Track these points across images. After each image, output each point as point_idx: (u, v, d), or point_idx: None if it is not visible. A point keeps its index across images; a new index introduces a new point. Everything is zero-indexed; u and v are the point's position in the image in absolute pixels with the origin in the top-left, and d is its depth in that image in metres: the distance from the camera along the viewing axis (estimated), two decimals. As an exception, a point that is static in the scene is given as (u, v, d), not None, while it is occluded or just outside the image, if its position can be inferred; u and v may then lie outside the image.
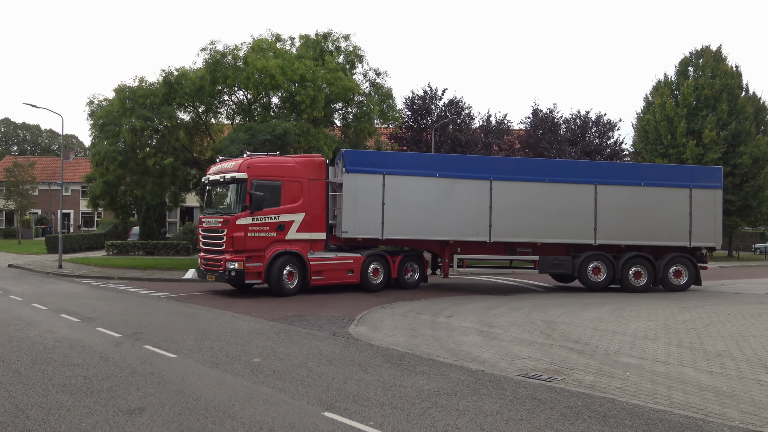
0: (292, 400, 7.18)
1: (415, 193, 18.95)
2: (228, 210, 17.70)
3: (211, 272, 17.88)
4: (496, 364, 9.19)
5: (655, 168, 23.16)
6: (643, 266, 20.20)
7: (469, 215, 19.20)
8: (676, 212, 20.34)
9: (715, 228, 20.76)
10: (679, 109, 44.80)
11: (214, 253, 17.85)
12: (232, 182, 17.60)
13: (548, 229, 19.60)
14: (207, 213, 18.58)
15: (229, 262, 17.14)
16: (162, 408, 6.83)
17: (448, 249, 19.80)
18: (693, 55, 47.02)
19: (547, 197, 19.60)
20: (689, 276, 20.65)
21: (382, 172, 18.73)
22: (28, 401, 7.07)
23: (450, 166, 19.61)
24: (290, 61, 24.57)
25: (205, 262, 18.27)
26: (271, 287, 17.60)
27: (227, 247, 17.24)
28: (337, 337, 11.35)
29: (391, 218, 18.71)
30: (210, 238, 18.02)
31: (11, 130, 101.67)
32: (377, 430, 6.17)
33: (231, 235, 17.13)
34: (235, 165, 17.74)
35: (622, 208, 19.98)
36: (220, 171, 18.14)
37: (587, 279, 19.98)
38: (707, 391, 7.81)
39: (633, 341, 11.22)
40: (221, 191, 18.51)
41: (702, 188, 20.58)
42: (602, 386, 7.98)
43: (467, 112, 38.65)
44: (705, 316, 14.69)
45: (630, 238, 20.16)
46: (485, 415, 6.73)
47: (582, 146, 39.42)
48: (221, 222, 17.46)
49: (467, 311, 14.90)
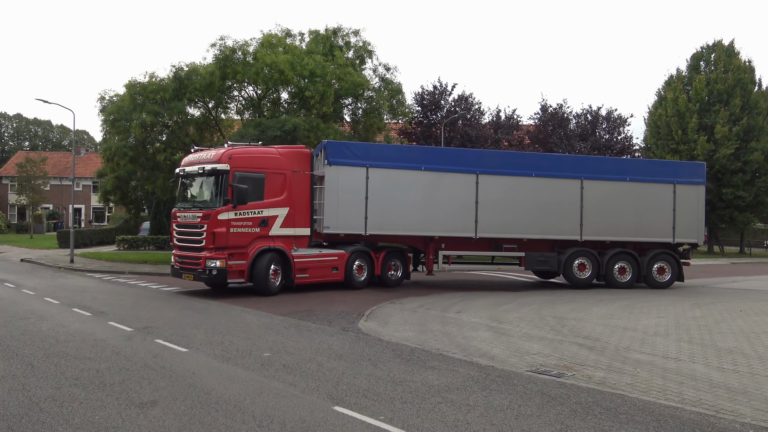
0: (302, 395, 7.21)
1: (400, 186, 18.31)
2: (207, 204, 16.48)
3: (187, 271, 16.63)
4: (505, 360, 9.19)
5: (639, 163, 22.86)
6: (628, 262, 20.00)
7: (455, 210, 18.67)
8: (660, 208, 20.18)
9: (698, 224, 20.69)
10: (691, 104, 44.47)
11: (191, 250, 16.60)
12: (212, 174, 16.37)
13: (534, 225, 19.25)
14: (182, 207, 17.24)
15: (210, 260, 16.00)
16: (174, 401, 6.88)
17: (433, 245, 19.31)
18: (705, 50, 46.65)
19: (533, 192, 19.25)
20: (672, 272, 20.44)
21: (365, 164, 18.00)
22: (41, 394, 7.15)
23: (436, 158, 18.99)
24: (300, 57, 24.58)
25: (180, 260, 16.96)
26: (256, 286, 16.62)
27: (207, 244, 16.06)
28: (346, 332, 11.39)
29: (375, 213, 18.03)
30: (186, 234, 16.78)
31: (23, 126, 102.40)
32: (387, 424, 6.19)
33: (212, 231, 15.93)
34: (215, 155, 16.51)
35: (607, 203, 19.73)
36: (198, 161, 16.84)
37: (572, 275, 19.69)
38: (718, 388, 7.78)
39: (643, 338, 11.18)
40: (199, 183, 17.24)
41: (686, 184, 20.43)
42: (612, 382, 7.97)
43: (477, 108, 38.55)
44: (716, 312, 14.60)
45: (615, 234, 19.93)
46: (495, 410, 6.73)
47: (592, 142, 39.25)
48: (200, 217, 16.26)
49: (476, 307, 14.90)
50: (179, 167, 17.75)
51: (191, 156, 17.58)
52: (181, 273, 16.95)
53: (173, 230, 17.43)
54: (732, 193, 43.25)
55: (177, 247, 17.29)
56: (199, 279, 16.45)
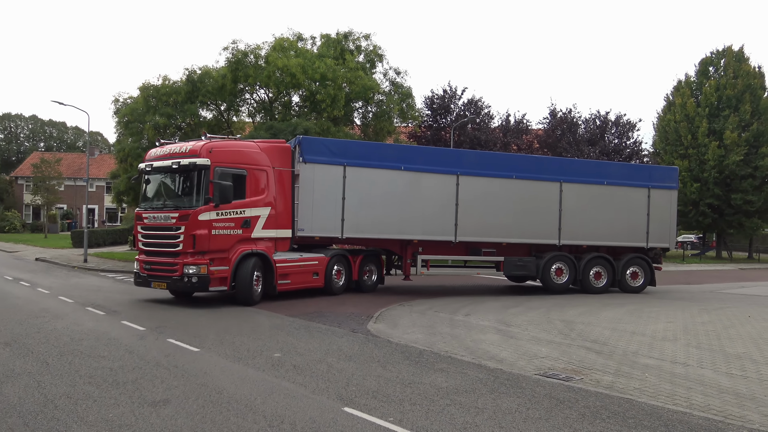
0: (312, 395, 7.30)
1: (379, 187, 17.32)
2: (184, 203, 14.69)
3: (159, 278, 14.82)
4: (514, 363, 9.24)
5: (617, 166, 22.59)
6: (603, 267, 19.66)
7: (435, 212, 17.84)
8: (635, 212, 19.93)
9: (671, 229, 20.61)
10: (700, 109, 44.32)
11: (164, 256, 14.76)
12: (189, 169, 14.57)
13: (514, 229, 18.68)
14: (151, 206, 15.29)
15: (189, 266, 14.25)
16: (186, 400, 6.98)
17: (410, 249, 18.34)
18: (714, 55, 46.50)
19: (513, 194, 18.66)
20: (645, 277, 20.23)
21: (342, 162, 16.84)
22: (56, 391, 7.27)
23: (416, 158, 18.07)
24: (311, 60, 24.77)
25: (149, 267, 15.02)
26: (240, 294, 14.98)
27: (186, 248, 14.27)
28: (356, 334, 11.47)
29: (352, 215, 16.96)
30: (158, 238, 14.92)
31: (38, 127, 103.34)
32: (397, 426, 6.26)
33: (191, 233, 14.16)
34: (193, 148, 14.75)
35: (585, 207, 19.32)
36: (170, 155, 15.02)
37: (550, 280, 19.16)
38: (727, 394, 7.80)
39: (652, 342, 11.19)
40: (172, 180, 15.33)
41: (660, 188, 20.26)
42: (621, 387, 8.00)
43: (486, 112, 38.59)
44: (725, 318, 14.59)
45: (592, 238, 19.59)
46: (503, 413, 6.80)
47: (601, 146, 39.19)
48: (176, 217, 14.43)
49: (485, 310, 14.94)
50: (144, 162, 15.76)
51: (158, 149, 15.76)
52: (149, 281, 15.04)
53: (138, 233, 15.45)
54: (741, 199, 43.04)
55: (143, 252, 15.39)
56: (175, 288, 14.93)
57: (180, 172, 14.88)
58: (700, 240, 57.26)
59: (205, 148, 14.63)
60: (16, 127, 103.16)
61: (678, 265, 40.31)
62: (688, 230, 57.48)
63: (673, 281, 27.76)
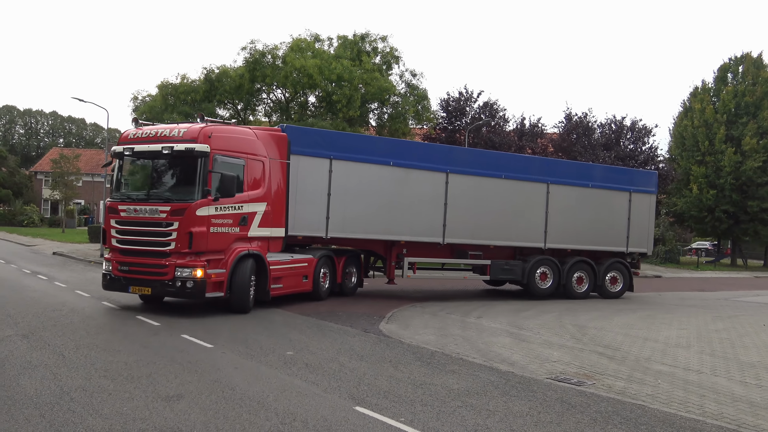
0: (324, 394, 7.34)
1: (366, 183, 16.11)
2: (178, 195, 12.77)
3: (141, 282, 12.67)
4: (525, 366, 9.24)
5: (601, 169, 22.14)
6: (585, 272, 19.08)
7: (423, 212, 16.75)
8: (617, 216, 19.57)
9: (649, 233, 20.31)
10: (718, 116, 43.99)
11: (150, 255, 12.67)
12: (186, 156, 12.60)
13: (502, 231, 17.91)
14: (132, 197, 13.16)
15: (182, 269, 12.32)
16: (199, 396, 7.05)
17: (395, 250, 17.21)
18: (733, 62, 46.16)
19: (502, 195, 17.86)
20: (624, 282, 19.80)
21: (329, 155, 15.52)
22: (72, 384, 7.37)
23: (405, 153, 17.00)
24: (328, 61, 24.89)
25: (126, 268, 12.78)
26: (236, 302, 13.19)
27: (180, 247, 12.34)
28: (368, 334, 11.51)
29: (338, 213, 15.67)
30: (141, 234, 12.77)
31: (58, 123, 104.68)
32: (408, 426, 6.29)
33: (188, 231, 12.24)
34: (189, 132, 12.78)
35: (571, 209, 18.77)
36: (158, 138, 12.93)
37: (535, 285, 18.36)
38: (741, 402, 7.75)
39: (665, 349, 11.14)
40: (162, 168, 13.46)
41: (640, 192, 19.96)
42: (633, 392, 7.98)
43: (501, 115, 38.47)
44: (739, 326, 14.49)
45: (576, 242, 19.04)
46: (515, 416, 6.80)
47: (616, 151, 38.94)
48: (167, 211, 12.45)
49: (497, 312, 14.93)
50: (121, 144, 13.48)
51: (139, 130, 13.53)
52: (127, 285, 12.84)
53: (111, 228, 13.11)
54: (758, 206, 42.66)
55: (117, 251, 13.12)
56: (163, 293, 12.99)
57: (172, 158, 12.88)
58: (715, 247, 56.75)
59: (203, 132, 12.71)
60: (36, 122, 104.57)
61: (692, 272, 40.00)
62: (703, 237, 57.02)
63: (687, 288, 27.58)
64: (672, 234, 49.28)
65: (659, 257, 45.11)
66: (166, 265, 12.48)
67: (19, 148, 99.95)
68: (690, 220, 47.37)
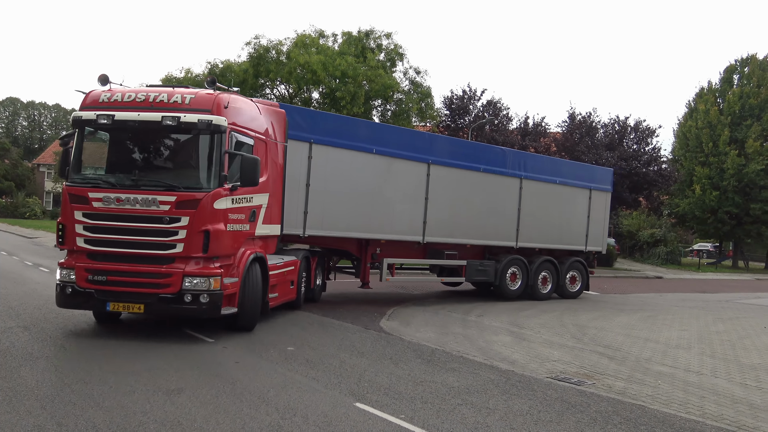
0: (324, 389, 7.36)
1: (348, 172, 14.08)
2: (182, 181, 9.71)
3: (131, 297, 9.43)
4: (526, 365, 9.24)
5: (567, 164, 21.12)
6: (549, 271, 18.18)
7: (405, 207, 15.13)
8: (579, 214, 18.96)
9: (604, 232, 19.97)
10: (722, 117, 43.97)
11: (141, 261, 9.52)
12: (195, 130, 9.69)
13: (478, 229, 16.62)
14: (114, 183, 9.72)
15: (193, 278, 9.40)
16: (200, 390, 7.07)
17: (370, 250, 15.24)
18: (738, 63, 46.10)
19: (480, 190, 16.56)
20: (582, 282, 19.14)
21: (309, 139, 13.22)
22: (73, 376, 7.39)
23: (389, 139, 15.21)
24: (332, 57, 24.90)
25: (104, 279, 9.44)
26: (244, 317, 10.44)
27: (191, 250, 9.45)
28: (368, 331, 11.52)
29: (317, 207, 13.44)
30: (131, 233, 9.52)
31: (61, 116, 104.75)
32: (408, 423, 6.30)
33: (204, 229, 9.42)
34: (197, 99, 9.86)
35: (540, 206, 17.82)
36: (155, 105, 9.77)
37: (506, 286, 17.17)
38: (741, 404, 7.76)
39: (665, 350, 11.15)
40: (154, 144, 10.29)
41: (599, 190, 19.49)
42: (633, 393, 7.99)
43: (505, 114, 38.56)
44: (740, 328, 14.51)
45: (543, 240, 18.18)
46: (515, 414, 6.81)
47: (620, 152, 38.95)
48: (171, 203, 9.43)
49: (498, 311, 14.94)
50: (92, 109, 9.90)
51: (112, 92, 10.15)
52: (103, 302, 9.47)
53: (77, 223, 9.65)
54: (760, 209, 42.66)
55: (88, 255, 9.67)
56: (162, 311, 9.64)
57: (172, 132, 9.94)
58: (717, 249, 56.76)
59: (219, 101, 9.87)
60: (39, 115, 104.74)
61: (693, 273, 39.99)
62: (705, 238, 57.02)
63: (688, 289, 27.59)
64: (673, 235, 49.30)
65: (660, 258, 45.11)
66: (169, 274, 9.39)
67: (22, 140, 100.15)
68: (692, 221, 47.38)
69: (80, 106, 10.13)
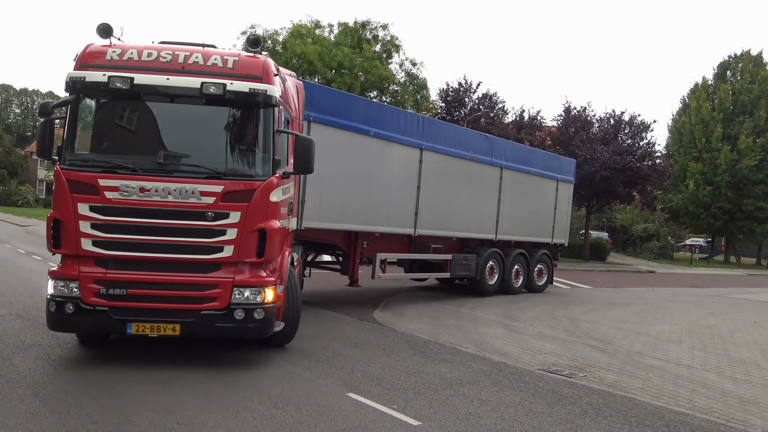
0: (317, 380, 7.38)
1: (345, 157, 12.52)
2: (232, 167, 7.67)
3: (162, 314, 7.37)
4: (518, 357, 9.29)
5: (538, 154, 20.03)
6: (521, 264, 17.55)
7: (398, 196, 13.81)
8: (548, 205, 18.54)
9: (567, 223, 19.59)
10: (715, 113, 44.15)
11: (176, 269, 7.47)
12: (246, 103, 7.66)
13: (464, 220, 15.72)
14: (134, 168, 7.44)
15: (244, 288, 7.50)
16: (193, 379, 7.07)
17: (359, 244, 13.55)
18: (732, 59, 46.22)
19: (466, 178, 15.67)
20: (548, 275, 18.74)
21: (308, 116, 11.33)
22: (66, 364, 7.43)
23: (386, 120, 13.61)
24: (328, 48, 24.84)
25: (121, 291, 7.31)
26: (287, 327, 8.55)
27: (243, 254, 7.53)
28: (362, 322, 11.54)
29: (314, 195, 11.79)
30: (160, 232, 7.42)
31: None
32: (400, 413, 6.33)
33: (260, 227, 7.55)
34: (242, 63, 7.78)
35: (516, 197, 17.23)
36: (183, 67, 7.60)
37: (485, 281, 16.32)
38: (730, 397, 7.83)
39: (656, 343, 11.23)
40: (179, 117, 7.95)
41: (564, 181, 19.16)
42: (624, 385, 8.04)
43: (500, 107, 38.49)
44: (731, 322, 14.63)
45: (518, 232, 17.57)
46: (506, 406, 6.85)
47: (614, 146, 39.00)
48: (219, 194, 7.42)
49: (491, 303, 14.99)
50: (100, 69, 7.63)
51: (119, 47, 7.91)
52: (124, 322, 7.29)
53: (82, 218, 7.51)
54: (753, 204, 42.91)
55: (98, 261, 7.57)
56: (204, 331, 7.53)
57: (219, 104, 7.73)
58: (709, 244, 57.09)
59: (269, 67, 7.90)
60: (32, 102, 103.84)
61: (685, 268, 40.22)
62: (698, 233, 57.32)
63: (680, 284, 27.76)
64: (666, 230, 49.52)
65: (653, 253, 45.34)
66: (214, 285, 7.47)
67: (15, 127, 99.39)
68: (685, 217, 47.61)
69: (78, 65, 7.76)
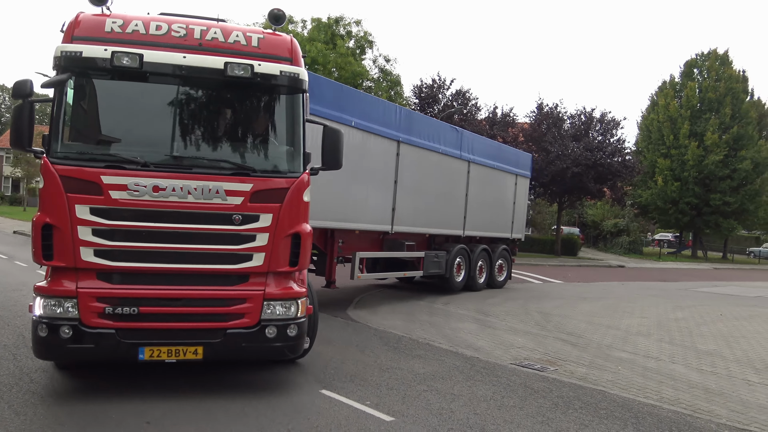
0: (291, 377, 7.34)
1: None
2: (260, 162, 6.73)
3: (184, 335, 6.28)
4: (490, 352, 9.36)
5: (500, 148, 19.45)
6: (485, 261, 17.23)
7: (376, 191, 13.19)
8: (508, 199, 18.40)
9: (524, 218, 19.60)
10: (683, 111, 44.97)
11: (197, 281, 6.39)
12: (275, 87, 6.65)
13: (435, 216, 15.26)
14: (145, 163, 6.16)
15: (275, 302, 6.54)
16: (165, 378, 6.96)
17: (335, 242, 12.64)
18: (699, 58, 47.10)
19: (438, 173, 15.20)
20: (507, 270, 18.46)
21: None
22: (32, 365, 7.22)
23: (368, 111, 12.84)
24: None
25: (137, 311, 6.08)
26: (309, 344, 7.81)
27: (273, 264, 6.54)
28: (335, 318, 11.52)
29: None
30: (177, 239, 6.27)
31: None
32: (373, 409, 6.33)
33: (294, 231, 6.63)
34: (267, 42, 6.73)
35: (481, 192, 16.89)
36: (200, 44, 6.42)
37: (453, 278, 15.93)
38: (696, 389, 7.99)
39: (626, 336, 11.41)
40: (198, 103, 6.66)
41: (522, 176, 19.06)
42: (594, 378, 8.16)
43: (474, 103, 38.71)
44: (697, 315, 14.92)
45: (483, 228, 17.22)
46: (479, 400, 6.90)
47: (585, 142, 39.50)
48: (247, 193, 6.38)
49: (464, 299, 15.08)
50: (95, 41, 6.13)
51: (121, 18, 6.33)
52: (135, 346, 6.12)
53: (79, 223, 6.01)
54: (719, 199, 43.86)
55: (101, 274, 6.16)
56: (231, 353, 6.49)
57: (243, 88, 6.67)
58: (677, 239, 58.22)
59: (296, 47, 6.95)
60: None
61: (654, 262, 40.95)
62: (666, 228, 58.40)
63: (649, 278, 28.27)
64: (636, 225, 50.35)
65: (623, 248, 46.06)
66: (242, 299, 6.46)
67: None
68: (654, 212, 48.47)
69: (69, 36, 6.23)
